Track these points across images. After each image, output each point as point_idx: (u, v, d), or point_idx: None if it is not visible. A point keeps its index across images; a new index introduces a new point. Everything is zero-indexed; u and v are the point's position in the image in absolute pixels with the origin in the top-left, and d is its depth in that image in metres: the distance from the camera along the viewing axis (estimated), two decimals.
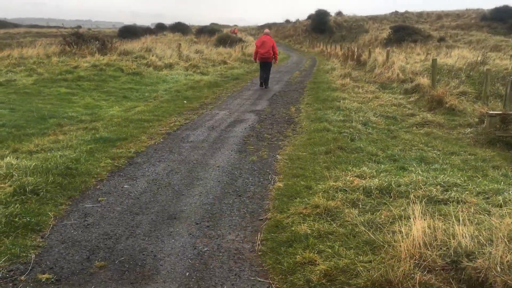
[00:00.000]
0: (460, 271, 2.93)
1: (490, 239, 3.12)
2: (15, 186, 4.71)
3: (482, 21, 58.45)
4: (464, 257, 3.01)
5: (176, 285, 3.29)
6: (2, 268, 3.41)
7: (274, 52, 15.20)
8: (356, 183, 5.10)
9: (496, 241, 2.99)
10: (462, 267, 2.94)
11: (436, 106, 12.05)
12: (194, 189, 5.33)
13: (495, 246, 2.92)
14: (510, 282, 2.59)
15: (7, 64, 16.58)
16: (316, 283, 3.21)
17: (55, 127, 8.58)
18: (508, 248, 2.86)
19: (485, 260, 2.85)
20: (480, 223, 3.55)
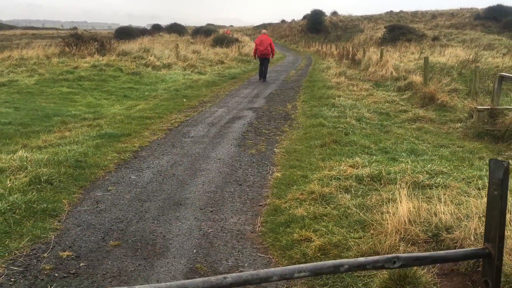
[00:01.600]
0: (439, 243, 3.29)
1: (467, 215, 3.47)
2: (31, 177, 5.03)
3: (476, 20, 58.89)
4: (443, 231, 3.36)
5: (185, 260, 3.63)
6: (26, 247, 3.74)
7: (271, 49, 17.12)
8: (349, 172, 5.45)
9: (472, 216, 3.34)
10: (442, 239, 3.29)
11: (428, 102, 12.41)
12: (197, 179, 5.67)
13: (471, 220, 3.27)
14: None
15: (8, 65, 16.88)
16: (312, 256, 3.56)
17: (60, 125, 8.90)
18: (482, 221, 3.21)
19: (461, 232, 3.20)
20: (460, 204, 3.90)
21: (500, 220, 1.57)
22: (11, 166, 5.44)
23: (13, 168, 5.39)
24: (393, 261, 1.50)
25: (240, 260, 3.66)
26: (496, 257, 1.58)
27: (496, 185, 1.57)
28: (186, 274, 3.42)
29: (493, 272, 1.58)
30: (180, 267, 3.52)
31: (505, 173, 1.55)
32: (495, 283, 1.58)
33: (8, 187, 4.75)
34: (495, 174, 1.57)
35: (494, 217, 1.58)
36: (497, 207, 1.56)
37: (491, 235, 1.60)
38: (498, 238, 1.57)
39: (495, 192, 1.57)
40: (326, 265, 1.49)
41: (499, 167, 1.55)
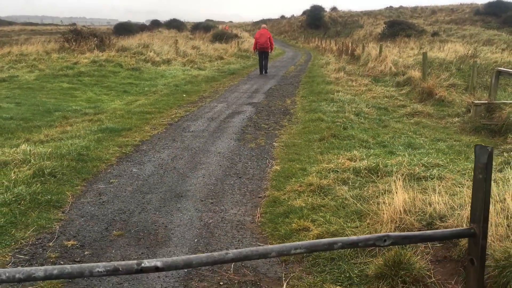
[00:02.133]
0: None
1: (461, 204, 3.58)
2: (34, 169, 5.13)
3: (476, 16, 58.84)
4: (437, 220, 3.46)
5: (186, 249, 3.73)
6: (31, 237, 3.84)
7: (270, 43, 18.03)
8: (347, 165, 5.55)
9: (465, 205, 3.44)
10: (436, 228, 3.39)
11: (427, 97, 12.49)
12: (198, 172, 5.77)
13: (464, 209, 3.37)
14: None
15: (8, 60, 16.95)
16: None
17: (61, 120, 9.00)
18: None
19: (454, 220, 3.31)
20: (454, 194, 4.00)
21: (484, 201, 1.66)
22: (14, 159, 5.54)
23: (17, 161, 5.49)
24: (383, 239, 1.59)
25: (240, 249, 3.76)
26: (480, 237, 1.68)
27: (481, 169, 1.66)
28: None
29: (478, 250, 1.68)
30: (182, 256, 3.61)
31: (489, 157, 1.64)
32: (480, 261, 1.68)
33: (13, 180, 4.85)
34: (480, 159, 1.66)
35: (479, 199, 1.67)
36: (482, 190, 1.66)
37: (476, 216, 1.69)
38: (483, 219, 1.67)
39: (480, 176, 1.67)
40: (321, 242, 1.59)
41: (483, 152, 1.64)
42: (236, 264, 3.51)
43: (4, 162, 5.51)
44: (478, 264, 1.70)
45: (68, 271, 1.37)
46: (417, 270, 3.03)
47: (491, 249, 2.85)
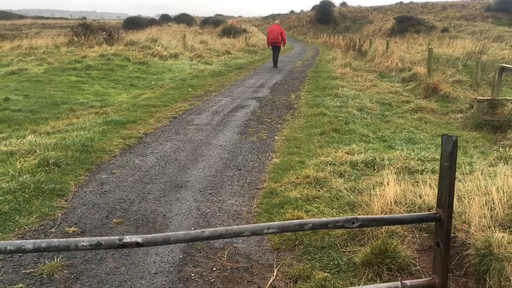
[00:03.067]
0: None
1: None
2: (39, 159, 5.29)
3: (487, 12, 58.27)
4: (425, 210, 3.55)
5: None
6: (34, 223, 4.00)
7: (282, 38, 18.66)
8: (344, 158, 5.65)
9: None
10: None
11: (431, 93, 12.51)
12: (198, 164, 5.90)
13: None
14: (457, 225, 3.14)
15: (18, 54, 17.20)
16: (302, 234, 3.77)
17: (68, 112, 9.17)
18: (460, 201, 3.41)
19: None
20: None
21: (449, 188, 1.76)
22: (20, 150, 5.71)
23: (23, 151, 5.65)
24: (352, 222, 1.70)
25: (234, 238, 3.88)
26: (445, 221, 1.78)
27: (446, 157, 1.76)
28: (184, 248, 3.65)
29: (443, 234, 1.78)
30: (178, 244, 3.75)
31: (454, 146, 1.74)
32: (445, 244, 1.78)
33: (18, 169, 5.00)
34: (446, 148, 1.76)
35: (445, 185, 1.77)
36: (447, 177, 1.75)
37: (442, 201, 1.79)
38: (448, 204, 1.76)
39: (446, 164, 1.76)
40: (292, 223, 1.70)
41: (449, 141, 1.74)
42: (230, 251, 3.64)
43: (10, 152, 5.68)
44: (443, 247, 1.80)
45: (55, 245, 1.50)
46: (402, 258, 3.14)
47: (473, 239, 2.95)
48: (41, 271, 3.26)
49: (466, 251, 2.95)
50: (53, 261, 3.39)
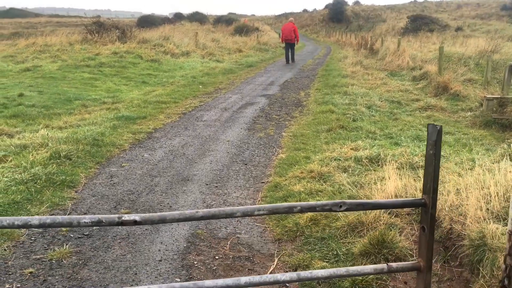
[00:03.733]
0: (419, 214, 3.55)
1: (449, 191, 3.72)
2: (51, 152, 5.45)
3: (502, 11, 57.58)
4: None
5: (188, 227, 3.98)
6: (45, 212, 4.14)
7: (295, 35, 19.58)
8: (349, 154, 5.72)
9: (450, 191, 3.60)
10: None
11: (442, 92, 12.48)
12: (206, 158, 6.02)
13: (449, 195, 3.53)
14: (454, 217, 3.20)
15: (33, 51, 17.51)
16: (303, 225, 3.87)
17: (80, 108, 9.35)
18: (458, 195, 3.47)
19: (439, 204, 3.47)
20: (445, 182, 4.13)
21: (433, 175, 1.83)
22: (33, 143, 5.87)
23: (35, 145, 5.81)
24: (339, 205, 1.78)
25: (238, 228, 3.99)
26: (430, 206, 1.85)
27: (431, 145, 1.83)
28: (188, 238, 3.77)
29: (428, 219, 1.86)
30: (183, 232, 3.87)
31: (438, 135, 1.81)
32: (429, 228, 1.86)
33: (30, 161, 5.16)
34: (431, 137, 1.83)
35: (429, 172, 1.85)
36: (432, 164, 1.83)
37: (427, 187, 1.87)
38: (432, 190, 1.84)
39: (431, 152, 1.84)
40: (282, 206, 1.79)
41: (434, 130, 1.81)
42: (233, 241, 3.74)
43: (23, 145, 5.84)
44: (428, 231, 1.88)
45: (59, 221, 1.61)
46: (399, 249, 3.21)
47: (468, 230, 3.01)
48: (50, 257, 3.39)
49: (461, 241, 3.02)
50: (62, 247, 3.52)
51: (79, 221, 1.60)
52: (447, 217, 3.28)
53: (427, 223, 1.87)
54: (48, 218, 1.61)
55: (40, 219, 1.59)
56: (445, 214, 3.33)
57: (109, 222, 1.62)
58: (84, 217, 1.60)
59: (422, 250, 1.93)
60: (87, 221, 1.60)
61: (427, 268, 1.93)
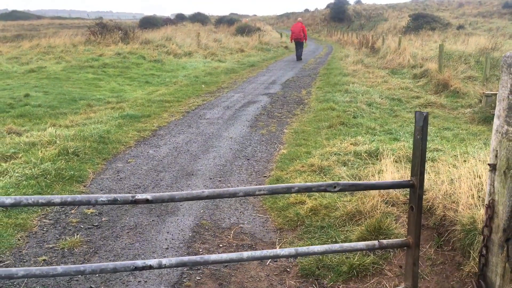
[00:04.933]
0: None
1: (443, 181, 3.87)
2: (59, 149, 5.62)
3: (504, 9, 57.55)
4: None
5: (192, 217, 4.14)
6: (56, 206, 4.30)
7: (304, 34, 21.05)
8: (349, 149, 5.87)
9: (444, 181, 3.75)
10: None
11: (442, 89, 12.62)
12: (209, 154, 6.18)
13: (443, 184, 3.68)
14: (447, 204, 3.35)
15: (37, 52, 17.72)
16: (304, 215, 4.02)
17: (86, 107, 9.52)
18: (452, 185, 3.62)
19: (433, 193, 3.62)
20: (440, 173, 4.28)
21: (421, 158, 1.98)
22: (41, 140, 6.04)
23: (44, 142, 5.99)
24: (333, 186, 1.93)
25: (241, 219, 4.15)
26: (418, 187, 2.00)
27: (419, 131, 1.98)
28: (193, 228, 3.93)
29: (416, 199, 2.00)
30: (188, 223, 4.03)
31: (425, 121, 1.96)
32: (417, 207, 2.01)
33: (40, 157, 5.33)
34: (418, 123, 1.98)
35: (417, 156, 1.99)
36: (419, 148, 1.98)
37: (415, 170, 2.01)
38: (420, 173, 1.99)
39: (418, 137, 1.99)
40: (281, 186, 1.94)
41: (421, 117, 1.96)
42: (236, 231, 3.90)
43: (32, 143, 6.02)
44: (416, 210, 2.02)
45: (78, 199, 1.77)
46: (395, 236, 3.36)
47: (460, 216, 3.16)
48: (62, 246, 3.56)
49: (453, 227, 3.17)
50: (73, 237, 3.69)
51: (97, 200, 1.75)
52: (441, 204, 3.43)
53: (415, 202, 2.02)
54: (68, 197, 1.77)
55: (61, 198, 1.75)
56: (439, 202, 3.48)
57: (124, 201, 1.78)
58: (101, 196, 1.76)
59: (411, 228, 2.08)
60: (104, 200, 1.76)
61: (416, 245, 2.08)
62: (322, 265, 3.28)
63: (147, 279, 3.14)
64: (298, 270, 3.29)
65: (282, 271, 3.32)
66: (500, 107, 1.63)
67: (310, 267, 3.27)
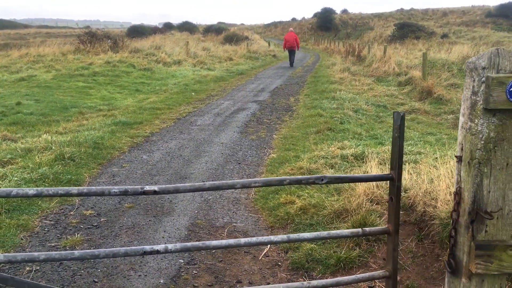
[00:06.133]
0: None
1: (423, 180, 4.12)
2: (56, 154, 5.78)
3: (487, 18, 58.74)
4: (403, 192, 4.02)
5: (187, 217, 4.34)
6: (55, 207, 4.48)
7: (297, 43, 22.89)
8: (336, 152, 6.11)
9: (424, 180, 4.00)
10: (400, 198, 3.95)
11: (426, 96, 12.98)
12: (201, 158, 6.38)
13: (423, 184, 3.93)
14: (427, 201, 3.60)
15: (27, 61, 17.80)
16: (294, 214, 4.24)
17: (78, 115, 9.67)
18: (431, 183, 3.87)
19: (414, 191, 3.87)
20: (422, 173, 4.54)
21: (398, 153, 2.21)
22: (37, 146, 6.20)
23: (39, 148, 6.15)
24: (321, 179, 2.15)
25: (233, 218, 4.36)
26: (396, 180, 2.23)
27: (396, 129, 2.21)
28: (189, 227, 4.12)
29: (395, 190, 2.23)
30: (183, 222, 4.22)
31: (402, 120, 2.19)
32: (396, 198, 2.23)
33: (37, 162, 5.50)
34: (396, 122, 2.21)
35: (395, 151, 2.22)
36: (397, 144, 2.21)
37: (393, 164, 2.24)
38: (398, 166, 2.22)
39: (396, 134, 2.22)
40: (274, 179, 2.15)
41: (398, 117, 2.19)
42: (229, 229, 4.11)
43: (28, 149, 6.17)
44: (395, 200, 2.25)
45: (94, 191, 1.97)
46: None
47: (439, 211, 3.40)
48: (64, 244, 3.73)
49: (432, 221, 3.41)
50: (74, 236, 3.86)
51: (110, 191, 1.95)
52: (421, 201, 3.68)
53: (394, 194, 2.25)
54: (84, 189, 1.96)
55: (78, 189, 1.95)
56: (420, 199, 3.72)
57: (134, 192, 1.98)
58: (113, 188, 1.96)
59: (391, 216, 2.31)
60: (116, 191, 1.95)
61: (395, 232, 2.30)
62: (312, 259, 3.49)
63: (147, 273, 3.33)
64: (289, 264, 3.50)
65: (273, 265, 3.53)
66: (464, 106, 1.86)
67: (300, 260, 3.49)
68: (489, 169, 1.79)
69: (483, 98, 1.73)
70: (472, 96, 1.79)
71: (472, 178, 1.81)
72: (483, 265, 1.80)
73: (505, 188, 1.81)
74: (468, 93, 1.82)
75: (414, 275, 3.23)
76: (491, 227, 1.83)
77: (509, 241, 1.85)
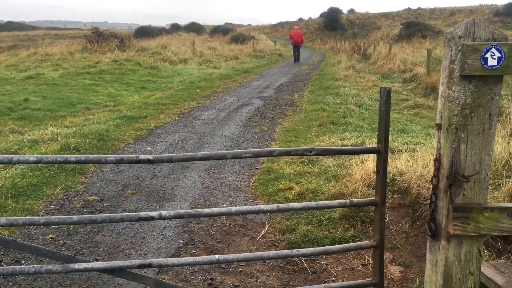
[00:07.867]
0: (394, 185, 4.02)
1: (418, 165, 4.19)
2: (61, 145, 5.92)
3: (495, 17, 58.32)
4: (398, 176, 4.10)
5: (188, 203, 4.44)
6: (59, 193, 4.60)
7: (302, 39, 24.99)
8: (336, 143, 6.20)
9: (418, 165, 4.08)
10: (396, 182, 4.03)
11: (430, 92, 13.01)
12: (204, 150, 6.48)
13: (417, 168, 4.00)
14: (421, 184, 3.67)
15: (35, 60, 18.03)
16: (292, 199, 4.33)
17: (84, 110, 9.82)
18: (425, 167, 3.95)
19: (409, 174, 3.94)
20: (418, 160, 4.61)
21: (385, 127, 2.29)
22: (43, 138, 6.35)
23: (45, 139, 6.29)
24: (309, 151, 2.23)
25: (233, 204, 4.45)
26: (383, 153, 2.31)
27: (383, 104, 2.29)
28: None
29: (381, 163, 2.31)
30: (184, 207, 4.33)
31: (388, 95, 2.28)
32: (382, 171, 2.32)
33: (43, 152, 5.63)
34: (383, 97, 2.29)
35: (382, 125, 2.30)
36: (384, 118, 2.29)
37: (380, 137, 2.32)
38: (384, 139, 2.30)
39: (383, 109, 2.30)
40: (264, 150, 2.24)
41: (384, 91, 2.27)
42: None
43: (34, 140, 6.31)
44: (381, 173, 2.33)
45: (91, 159, 2.07)
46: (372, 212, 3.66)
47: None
48: (67, 226, 3.84)
49: (425, 201, 3.48)
50: None
51: (106, 159, 2.05)
52: (416, 184, 3.75)
53: (381, 166, 2.33)
54: (82, 157, 2.06)
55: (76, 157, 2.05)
56: (414, 182, 3.80)
57: (129, 160, 2.07)
58: (110, 156, 2.05)
59: (378, 188, 2.38)
60: (112, 159, 2.05)
61: (382, 203, 2.38)
62: (307, 239, 3.58)
63: (147, 252, 3.43)
64: (286, 244, 3.59)
65: (270, 245, 3.62)
66: (443, 75, 1.94)
67: (296, 241, 3.58)
68: (466, 134, 1.87)
69: (459, 65, 1.81)
70: (450, 65, 1.87)
71: (450, 143, 1.89)
72: (461, 227, 1.88)
73: (482, 153, 1.89)
74: (447, 62, 1.90)
75: (407, 254, 3.31)
76: (468, 191, 1.90)
77: (486, 204, 1.92)
